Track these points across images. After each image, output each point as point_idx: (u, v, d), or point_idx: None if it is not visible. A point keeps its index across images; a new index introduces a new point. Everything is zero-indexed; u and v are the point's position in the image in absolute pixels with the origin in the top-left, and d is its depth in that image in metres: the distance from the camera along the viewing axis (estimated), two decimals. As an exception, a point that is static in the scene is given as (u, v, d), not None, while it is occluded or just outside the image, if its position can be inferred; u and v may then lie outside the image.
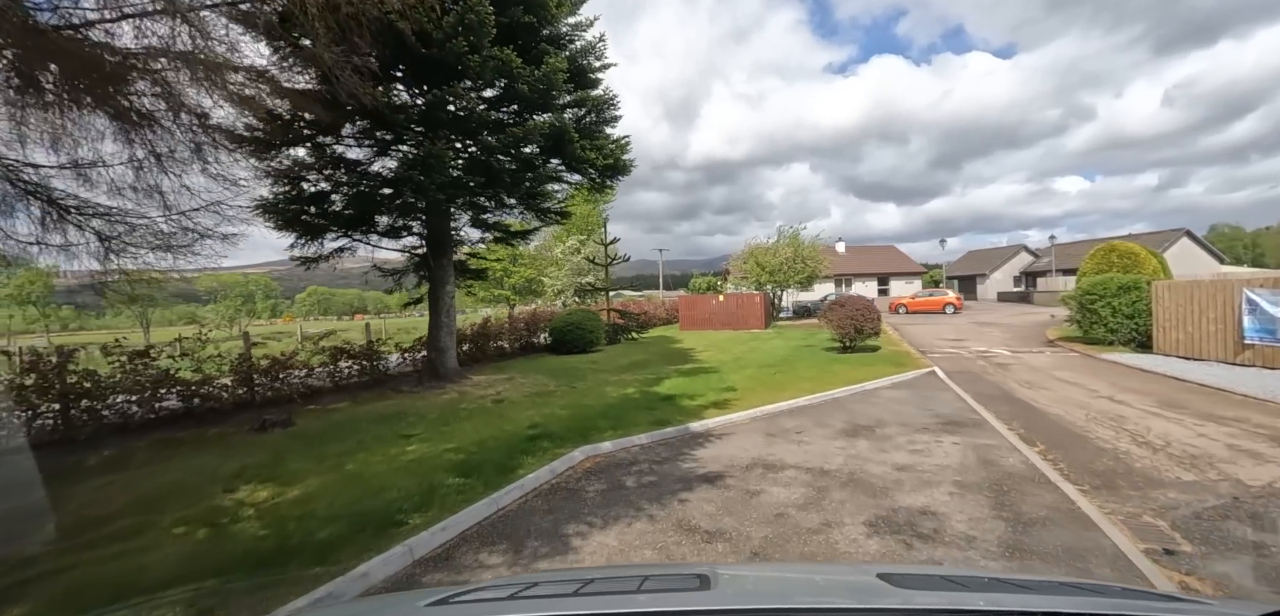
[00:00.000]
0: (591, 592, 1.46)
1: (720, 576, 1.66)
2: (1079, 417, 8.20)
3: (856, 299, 16.75)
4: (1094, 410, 8.57)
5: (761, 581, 1.84)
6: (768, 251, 32.98)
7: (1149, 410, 8.43)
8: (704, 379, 12.12)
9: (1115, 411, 8.46)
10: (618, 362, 15.74)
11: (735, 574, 2.21)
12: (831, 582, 1.80)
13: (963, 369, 12.95)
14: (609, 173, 12.92)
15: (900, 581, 1.48)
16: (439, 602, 1.42)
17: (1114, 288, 15.56)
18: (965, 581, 1.63)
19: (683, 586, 1.60)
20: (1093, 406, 8.83)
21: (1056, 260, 51.34)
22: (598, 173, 12.72)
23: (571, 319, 18.81)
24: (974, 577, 1.80)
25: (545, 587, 1.59)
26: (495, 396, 10.97)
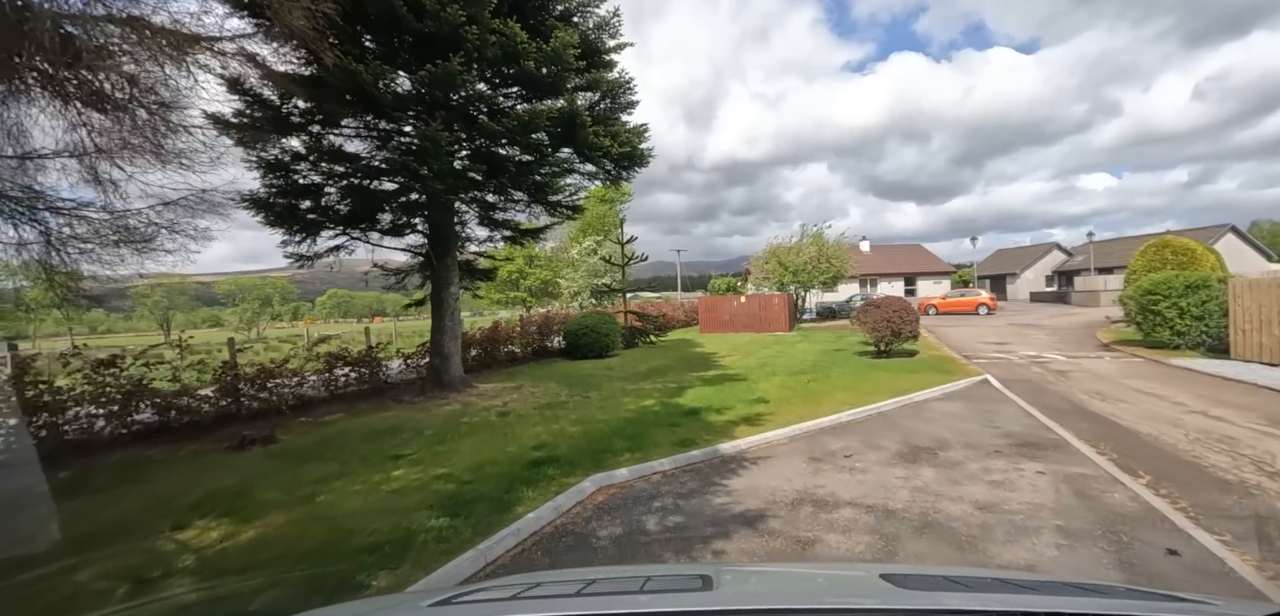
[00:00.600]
0: (594, 593, 1.47)
1: (722, 576, 1.67)
2: (1177, 438, 6.97)
3: (892, 300, 15.52)
4: (1192, 429, 7.32)
5: (763, 582, 1.84)
6: (791, 250, 31.71)
7: (1260, 430, 7.16)
8: (731, 388, 11.02)
9: (1218, 430, 7.20)
10: (635, 369, 14.70)
11: (737, 574, 2.17)
12: (834, 583, 1.83)
13: (1018, 377, 11.69)
14: (625, 163, 11.89)
15: (903, 581, 1.46)
16: (442, 603, 1.40)
17: (1180, 286, 14.13)
18: (969, 581, 1.60)
19: (685, 587, 1.59)
20: (1188, 424, 7.57)
21: (1094, 259, 49.27)
22: (613, 163, 11.70)
23: (586, 322, 17.82)
24: (978, 577, 1.78)
25: (548, 588, 1.60)
26: (501, 408, 10.01)
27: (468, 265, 14.78)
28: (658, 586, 1.57)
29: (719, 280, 45.15)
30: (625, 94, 11.52)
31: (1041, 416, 8.18)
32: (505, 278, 56.26)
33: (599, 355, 17.64)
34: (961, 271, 55.35)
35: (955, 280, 49.84)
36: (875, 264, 47.51)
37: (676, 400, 9.99)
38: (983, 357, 14.82)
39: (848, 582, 1.82)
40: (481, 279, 15.16)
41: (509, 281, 56.43)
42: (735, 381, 11.87)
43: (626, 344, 20.81)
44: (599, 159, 10.99)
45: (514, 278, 55.73)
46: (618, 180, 12.56)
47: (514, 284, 56.14)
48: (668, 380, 12.54)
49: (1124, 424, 7.74)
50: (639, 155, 11.81)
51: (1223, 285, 13.76)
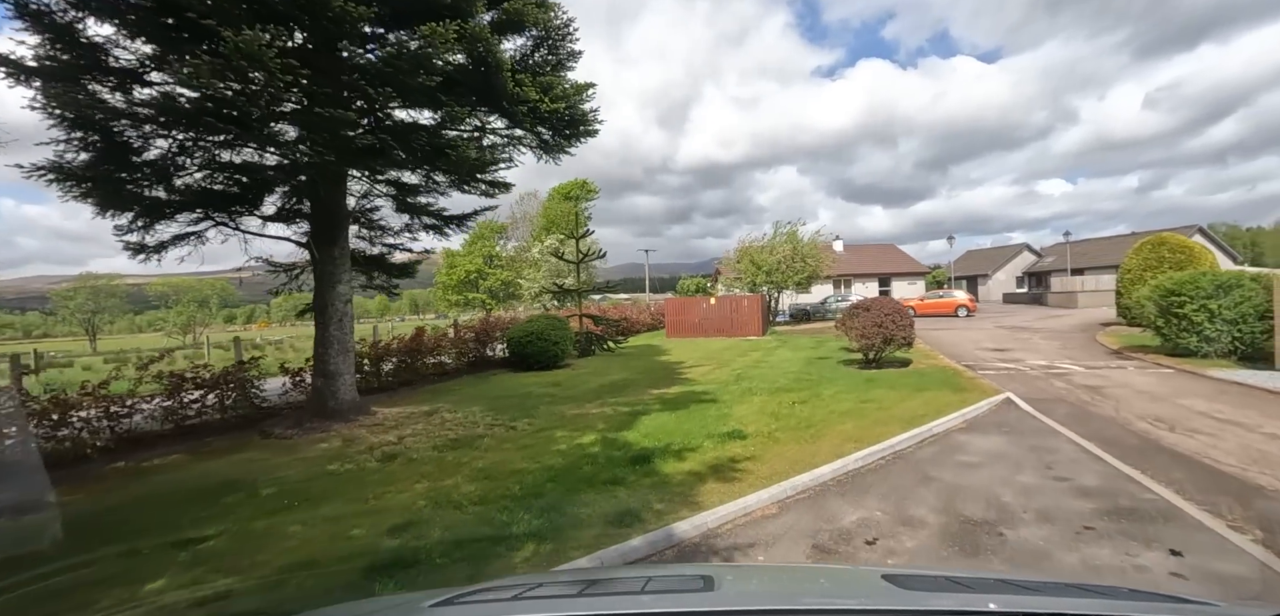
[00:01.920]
0: (596, 593, 1.46)
1: (724, 577, 1.66)
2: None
3: (883, 302, 13.44)
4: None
5: (765, 582, 1.84)
6: (764, 250, 29.67)
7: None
8: (698, 414, 8.69)
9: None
10: (585, 385, 12.27)
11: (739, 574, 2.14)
12: (836, 583, 1.82)
13: (1045, 394, 9.63)
14: (564, 129, 9.47)
15: (905, 582, 1.44)
16: (443, 603, 1.39)
17: (1210, 286, 12.33)
18: (971, 582, 1.56)
19: (687, 587, 1.56)
20: (1318, 470, 5.51)
21: (1058, 260, 48.67)
22: (548, 128, 9.28)
23: (532, 328, 15.31)
24: (980, 579, 1.75)
25: (550, 588, 1.59)
26: (391, 447, 7.50)
27: (378, 259, 12.18)
28: (659, 586, 1.55)
29: (688, 280, 43.02)
30: (566, 42, 9.10)
31: (1112, 459, 6.03)
32: (463, 278, 53.20)
33: (547, 366, 15.16)
34: (935, 272, 54.33)
35: (929, 281, 48.65)
36: (849, 264, 45.94)
37: (626, 434, 7.59)
38: (990, 369, 12.80)
39: (849, 582, 1.81)
40: (397, 276, 12.56)
41: (467, 282, 53.35)
42: (704, 403, 9.53)
43: (582, 351, 18.37)
44: (526, 119, 8.50)
45: (472, 277, 52.71)
46: (556, 150, 10.10)
47: (472, 284, 53.12)
48: (621, 401, 10.14)
49: (1228, 469, 5.64)
50: (582, 119, 9.41)
51: (1257, 284, 12.01)
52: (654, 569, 3.25)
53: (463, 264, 53.57)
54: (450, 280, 53.83)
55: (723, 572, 1.86)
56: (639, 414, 8.88)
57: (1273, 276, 11.76)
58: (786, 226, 30.86)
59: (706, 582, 1.53)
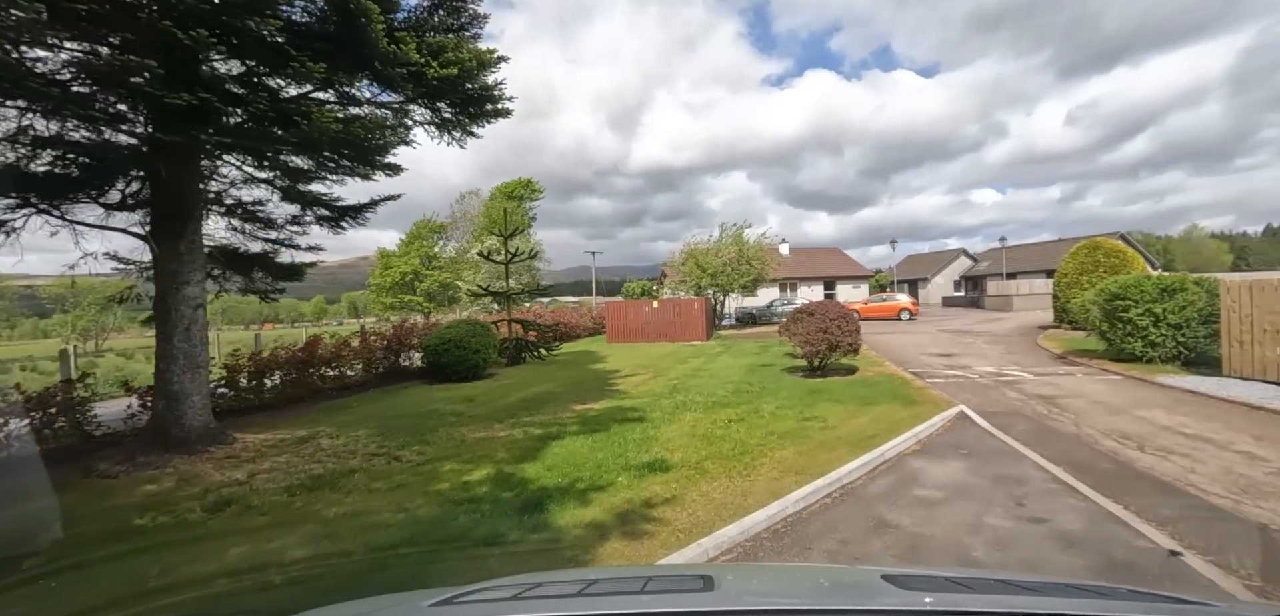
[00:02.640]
0: (596, 593, 1.45)
1: (724, 577, 1.65)
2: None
3: (828, 306, 12.60)
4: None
5: (765, 582, 1.82)
6: (709, 252, 28.81)
7: None
8: (619, 437, 7.47)
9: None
10: (502, 400, 10.90)
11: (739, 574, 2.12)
12: (835, 583, 1.80)
13: (999, 407, 8.88)
14: (465, 106, 8.12)
15: (904, 582, 1.43)
16: (443, 602, 1.38)
17: (1153, 290, 12.01)
18: (970, 583, 1.54)
19: (686, 587, 1.55)
20: (1318, 502, 4.75)
21: (993, 264, 50.09)
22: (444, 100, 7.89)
23: (449, 336, 13.78)
24: (980, 579, 1.73)
25: (549, 588, 1.57)
26: (232, 490, 6.00)
27: (261, 258, 10.50)
28: (659, 586, 1.55)
29: (634, 284, 41.91)
30: (466, 2, 7.74)
31: (1089, 490, 5.15)
32: (398, 280, 50.43)
33: (466, 377, 13.67)
34: (878, 276, 55.05)
35: (873, 284, 49.15)
36: (795, 267, 45.84)
37: (527, 468, 6.30)
38: (938, 377, 12.11)
39: (849, 582, 1.80)
40: (284, 277, 10.87)
41: (403, 284, 50.59)
42: (629, 423, 8.33)
43: (511, 360, 16.92)
44: (407, 87, 7.08)
45: (408, 279, 50.03)
46: (457, 129, 8.73)
47: (409, 287, 50.34)
48: (536, 421, 8.84)
49: (1218, 502, 4.83)
50: (486, 96, 8.08)
51: (1200, 288, 11.75)
52: (653, 569, 3.27)
53: (398, 265, 50.80)
54: (385, 282, 50.96)
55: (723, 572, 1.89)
56: (551, 438, 7.60)
57: (1217, 280, 11.49)
58: (732, 229, 30.15)
59: (706, 582, 1.52)
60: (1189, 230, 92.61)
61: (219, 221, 10.16)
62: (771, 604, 1.40)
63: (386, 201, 10.91)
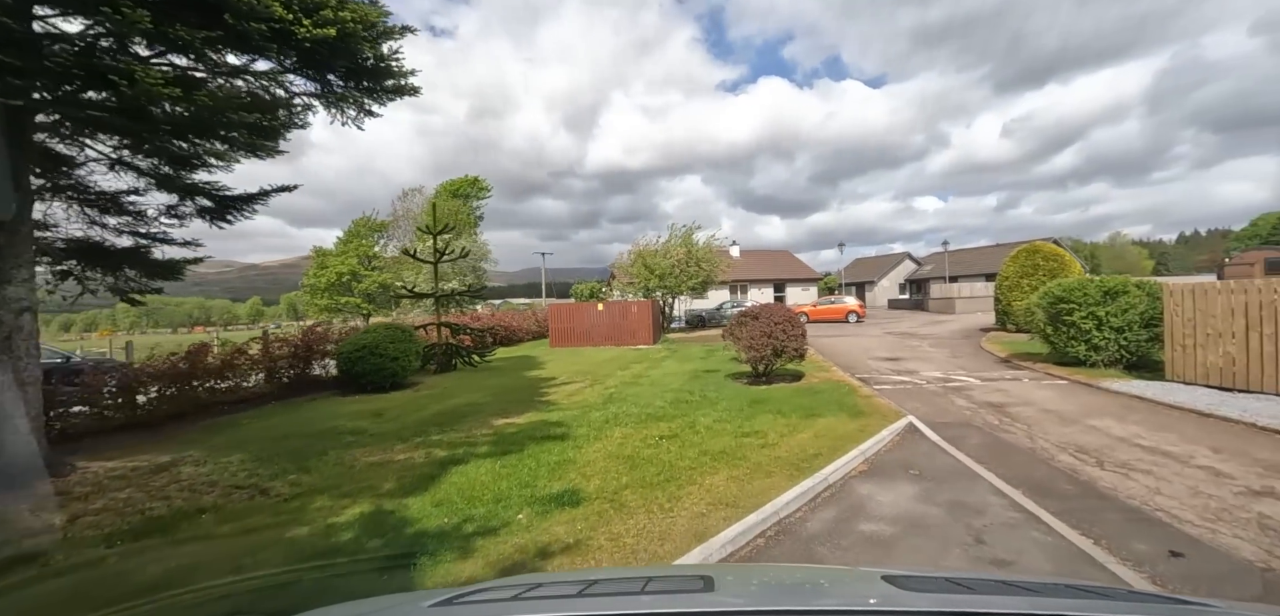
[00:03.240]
0: (596, 594, 1.44)
1: (724, 578, 1.65)
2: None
3: (774, 309, 11.96)
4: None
5: (765, 582, 1.80)
6: (657, 254, 28.09)
7: None
8: (534, 459, 6.52)
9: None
10: (415, 414, 9.78)
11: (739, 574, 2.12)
12: (836, 584, 1.77)
13: (949, 417, 8.35)
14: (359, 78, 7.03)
15: (904, 583, 1.43)
16: (443, 603, 1.38)
17: (1097, 293, 11.83)
18: (971, 584, 1.52)
19: (686, 587, 1.55)
20: (1299, 530, 4.24)
21: (936, 268, 51.28)
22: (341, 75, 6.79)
23: (365, 341, 12.51)
24: (980, 580, 1.68)
25: (549, 589, 1.56)
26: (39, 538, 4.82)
27: (132, 253, 9.12)
28: (659, 587, 1.54)
29: (583, 286, 40.91)
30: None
31: (1054, 521, 4.53)
32: (334, 280, 47.82)
33: (383, 387, 12.44)
34: (827, 278, 55.63)
35: (822, 287, 49.53)
36: (746, 269, 45.70)
37: (414, 502, 5.29)
38: (885, 383, 11.61)
39: (849, 583, 1.77)
40: (158, 275, 9.49)
41: (340, 285, 47.98)
42: (549, 442, 7.38)
43: (440, 367, 15.69)
44: (271, 46, 5.96)
45: (345, 280, 47.48)
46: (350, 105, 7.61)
47: (346, 288, 47.75)
48: (444, 440, 7.81)
49: (1193, 532, 4.26)
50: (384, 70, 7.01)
51: (1141, 292, 11.63)
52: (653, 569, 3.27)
53: (335, 265, 48.19)
54: (320, 283, 48.26)
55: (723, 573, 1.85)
56: (455, 462, 6.59)
57: (1159, 284, 11.38)
58: (682, 230, 29.52)
59: (706, 583, 1.52)
60: (1113, 237, 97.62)
61: (75, 212, 8.77)
62: (771, 604, 1.40)
63: (279, 193, 9.68)
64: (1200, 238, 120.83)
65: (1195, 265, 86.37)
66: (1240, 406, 7.97)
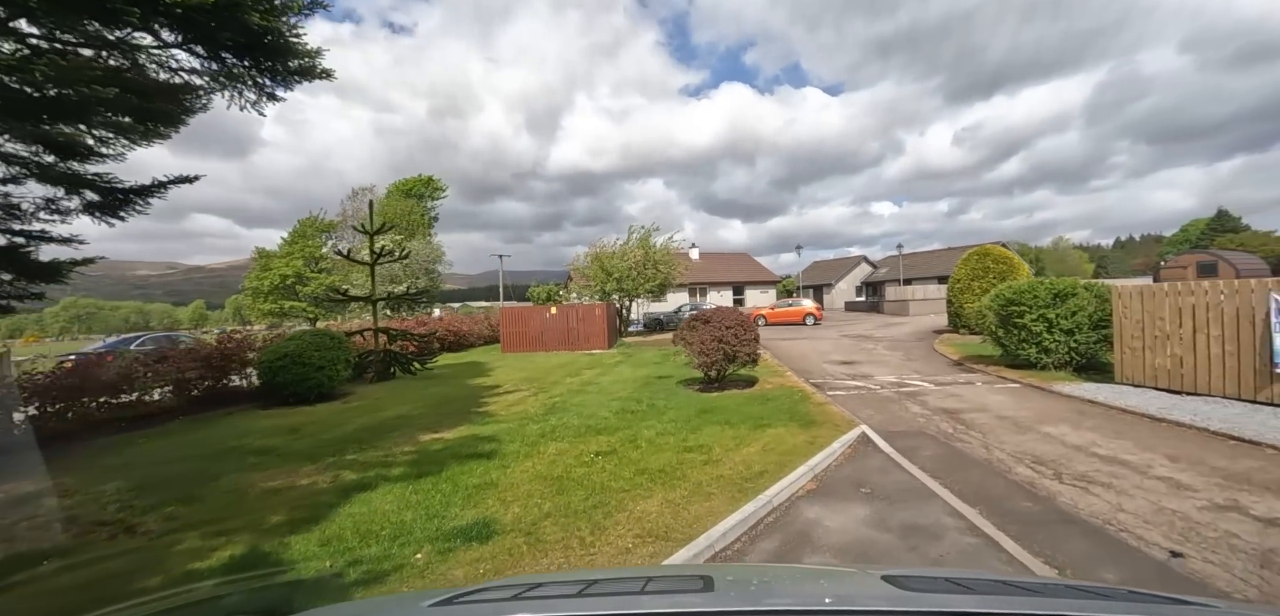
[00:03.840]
0: (596, 593, 1.44)
1: (724, 578, 1.61)
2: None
3: (726, 312, 11.49)
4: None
5: (765, 582, 1.74)
6: (614, 255, 27.47)
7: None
8: (451, 483, 5.84)
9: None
10: (334, 431, 8.93)
11: (739, 574, 1.99)
12: (836, 583, 1.78)
13: (904, 425, 7.99)
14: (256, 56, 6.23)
15: (905, 583, 1.43)
16: (443, 602, 1.38)
17: (1047, 295, 11.76)
18: (971, 584, 1.50)
19: (686, 587, 1.54)
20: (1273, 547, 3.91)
21: (891, 271, 52.17)
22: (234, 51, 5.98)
23: (288, 350, 11.54)
24: (980, 580, 1.63)
25: (549, 589, 1.55)
26: None
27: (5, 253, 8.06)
28: (659, 587, 1.53)
29: (539, 288, 39.93)
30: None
31: (1016, 548, 4.10)
32: (278, 283, 45.66)
33: (308, 398, 11.49)
34: (786, 281, 55.97)
35: (780, 290, 49.74)
36: (705, 272, 45.51)
37: (296, 543, 4.53)
38: (839, 388, 11.27)
39: (849, 583, 1.75)
40: (40, 278, 8.42)
41: (285, 287, 45.79)
42: (474, 461, 6.69)
43: (378, 375, 14.74)
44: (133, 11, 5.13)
45: (290, 282, 45.34)
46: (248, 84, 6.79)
47: (291, 290, 45.61)
48: (360, 460, 7.04)
49: (1160, 556, 3.89)
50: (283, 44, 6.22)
51: (1089, 293, 11.61)
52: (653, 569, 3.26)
53: (279, 266, 46.01)
54: (262, 285, 45.99)
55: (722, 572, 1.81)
56: (364, 487, 5.85)
57: (1108, 286, 11.35)
58: (639, 231, 28.97)
59: (706, 583, 1.51)
60: (1057, 241, 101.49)
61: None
62: (771, 604, 1.37)
63: (180, 183, 8.71)
64: (1135, 242, 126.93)
65: (1132, 268, 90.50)
66: (1191, 410, 7.83)
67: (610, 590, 1.49)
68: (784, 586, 1.69)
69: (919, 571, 3.03)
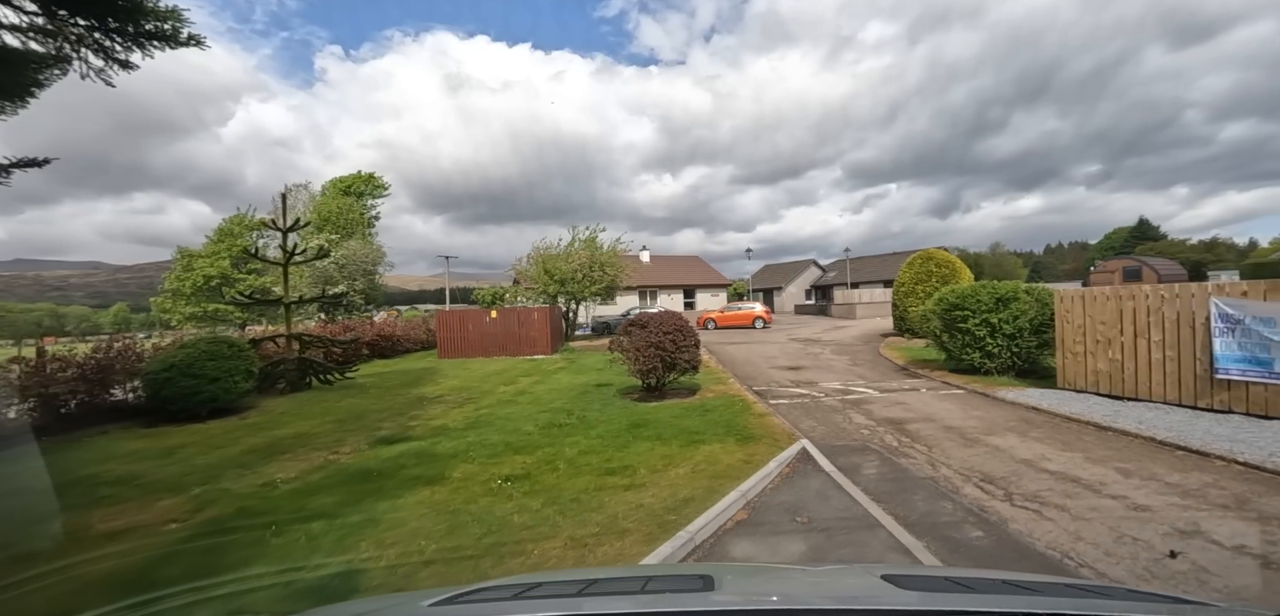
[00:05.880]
0: (596, 593, 1.44)
1: (723, 577, 1.58)
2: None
3: (666, 316, 10.85)
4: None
5: (764, 582, 1.80)
6: (559, 257, 26.58)
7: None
8: (326, 521, 4.94)
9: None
10: (213, 456, 7.81)
11: (738, 574, 2.07)
12: (835, 583, 1.76)
13: (847, 438, 7.48)
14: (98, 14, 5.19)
15: (904, 582, 1.43)
16: (443, 602, 1.37)
17: (989, 299, 11.58)
18: (971, 583, 1.52)
19: (686, 587, 1.52)
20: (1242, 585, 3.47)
21: (840, 275, 52.98)
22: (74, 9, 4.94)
23: (177, 360, 10.26)
24: (980, 579, 1.66)
25: (549, 588, 1.54)
26: None
27: None
28: (659, 586, 1.54)
29: (485, 290, 38.57)
30: None
31: (966, 588, 3.53)
32: (202, 283, 42.62)
33: (201, 414, 10.23)
34: (736, 284, 56.11)
35: (731, 293, 49.74)
36: (656, 274, 45.02)
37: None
38: (783, 396, 10.77)
39: (849, 583, 1.75)
40: None
41: (210, 288, 42.74)
42: (364, 488, 5.79)
43: (292, 385, 13.47)
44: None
45: (215, 283, 42.36)
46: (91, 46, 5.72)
47: (217, 292, 42.58)
48: (227, 493, 6.03)
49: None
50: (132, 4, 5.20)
51: (1030, 297, 11.49)
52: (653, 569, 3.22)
53: (203, 266, 43.01)
54: (184, 286, 42.91)
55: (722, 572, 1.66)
56: (223, 527, 4.91)
57: (1049, 290, 11.24)
58: (585, 232, 28.17)
59: (706, 582, 1.49)
60: (994, 247, 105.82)
61: None
62: (771, 604, 1.37)
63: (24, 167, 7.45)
64: (1064, 249, 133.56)
65: (1062, 273, 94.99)
66: (1135, 417, 7.59)
67: (610, 589, 1.49)
68: (784, 585, 1.70)
69: (919, 570, 3.11)
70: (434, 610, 1.31)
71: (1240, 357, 7.56)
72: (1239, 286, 7.80)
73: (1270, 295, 7.34)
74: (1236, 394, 7.58)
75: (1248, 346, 7.47)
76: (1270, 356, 7.25)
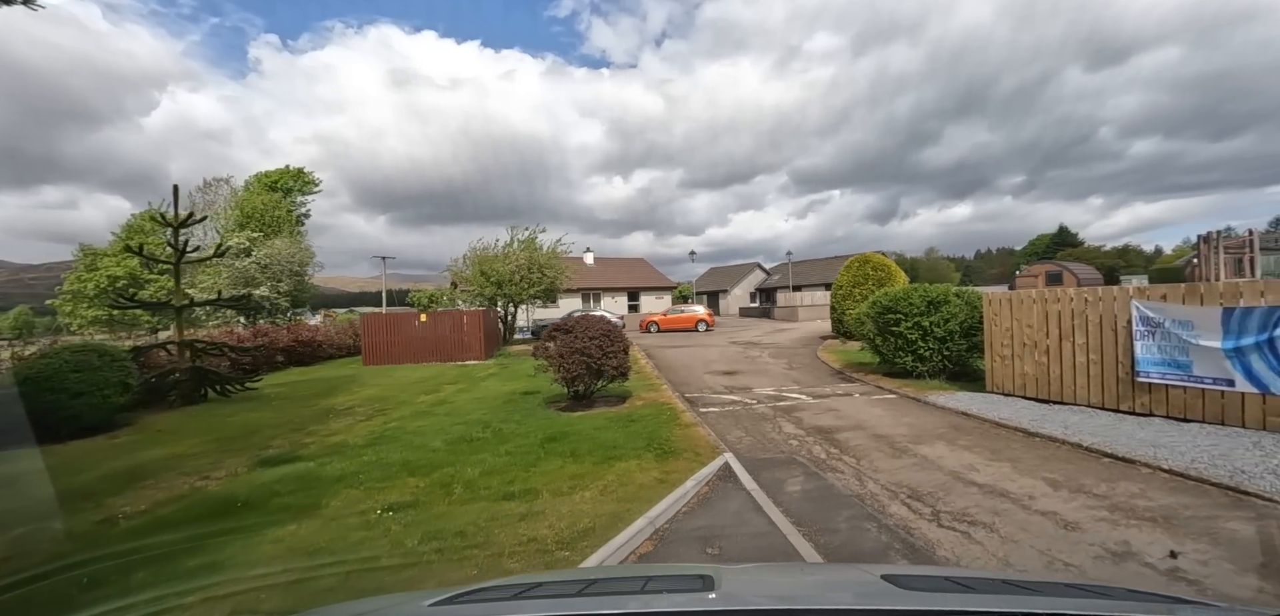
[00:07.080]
0: (596, 593, 1.42)
1: (723, 577, 1.57)
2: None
3: (593, 321, 10.26)
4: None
5: (765, 581, 1.74)
6: (496, 258, 25.61)
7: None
8: (159, 569, 4.12)
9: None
10: (49, 490, 6.73)
11: (738, 574, 1.95)
12: (835, 583, 1.76)
13: (775, 449, 7.07)
14: None
15: (905, 582, 1.42)
16: (444, 602, 1.36)
17: (921, 303, 11.52)
18: (971, 582, 1.52)
19: (686, 587, 1.52)
20: None
21: (782, 278, 53.76)
22: None
23: (33, 373, 8.98)
24: (980, 579, 1.71)
25: (549, 588, 1.55)
26: None
27: None
28: (659, 586, 1.52)
29: (421, 292, 36.99)
30: None
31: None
32: (107, 285, 39.28)
33: (63, 433, 8.98)
34: (681, 287, 56.09)
35: (676, 295, 49.61)
36: (600, 277, 44.38)
37: None
38: (714, 404, 10.35)
39: (849, 582, 1.72)
40: None
41: (114, 290, 39.44)
42: (222, 524, 4.96)
43: (185, 397, 12.17)
44: None
45: (122, 284, 39.08)
46: None
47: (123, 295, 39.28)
48: (52, 536, 5.08)
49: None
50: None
51: (960, 301, 11.50)
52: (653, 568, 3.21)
53: (108, 266, 39.66)
54: (86, 288, 39.45)
55: (722, 572, 1.64)
56: (37, 578, 4.00)
57: (979, 294, 11.25)
58: (524, 233, 27.27)
59: (706, 582, 1.49)
60: (929, 252, 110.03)
61: None
62: (771, 603, 1.36)
63: None
64: (992, 254, 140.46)
65: (991, 277, 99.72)
66: (1062, 421, 7.50)
67: (610, 589, 1.48)
68: (784, 585, 1.68)
69: (919, 570, 3.07)
70: (434, 609, 1.30)
71: (1160, 361, 7.57)
72: (1159, 289, 7.84)
73: (1189, 298, 7.38)
74: (1157, 397, 7.59)
75: (1167, 349, 7.49)
76: (1189, 359, 7.27)
